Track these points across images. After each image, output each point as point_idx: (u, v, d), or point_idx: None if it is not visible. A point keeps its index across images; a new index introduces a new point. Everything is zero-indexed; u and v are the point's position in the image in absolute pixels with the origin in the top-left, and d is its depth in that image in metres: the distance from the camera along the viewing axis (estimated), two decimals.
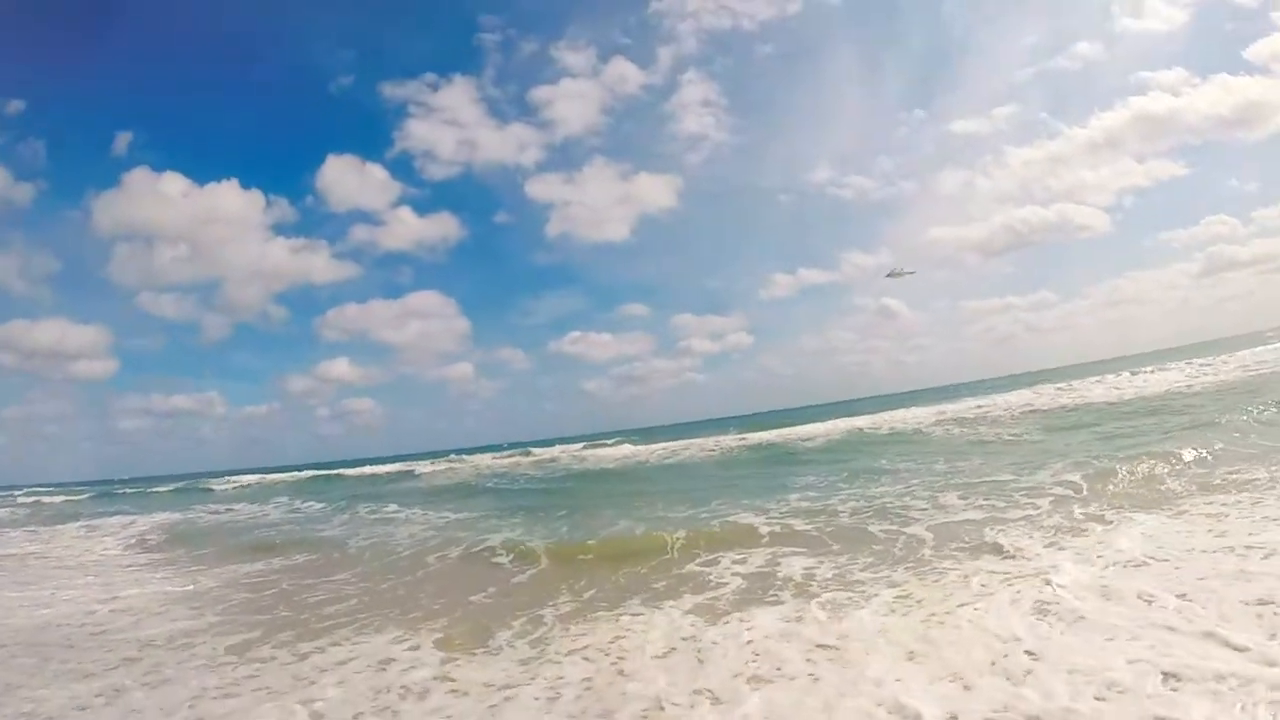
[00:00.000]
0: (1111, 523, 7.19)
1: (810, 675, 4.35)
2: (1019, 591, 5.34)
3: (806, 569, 6.97)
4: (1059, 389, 26.70)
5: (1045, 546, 6.59)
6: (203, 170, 57.70)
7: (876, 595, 5.79)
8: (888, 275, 11.56)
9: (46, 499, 39.19)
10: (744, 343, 58.57)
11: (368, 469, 39.12)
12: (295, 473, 45.87)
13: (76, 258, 56.86)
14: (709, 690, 4.30)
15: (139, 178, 49.39)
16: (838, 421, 27.41)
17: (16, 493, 48.79)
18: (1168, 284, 59.69)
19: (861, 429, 23.78)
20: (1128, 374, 27.43)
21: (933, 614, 5.11)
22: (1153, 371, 26.43)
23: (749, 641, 5.05)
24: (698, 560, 7.79)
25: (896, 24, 63.70)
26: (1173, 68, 51.03)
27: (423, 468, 35.83)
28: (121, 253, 50.71)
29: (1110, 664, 3.87)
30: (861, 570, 6.71)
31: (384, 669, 5.41)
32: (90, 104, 60.09)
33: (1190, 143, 53.63)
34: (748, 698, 4.13)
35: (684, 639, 5.29)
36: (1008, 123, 57.43)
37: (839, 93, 61.39)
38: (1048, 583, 5.41)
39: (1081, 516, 7.62)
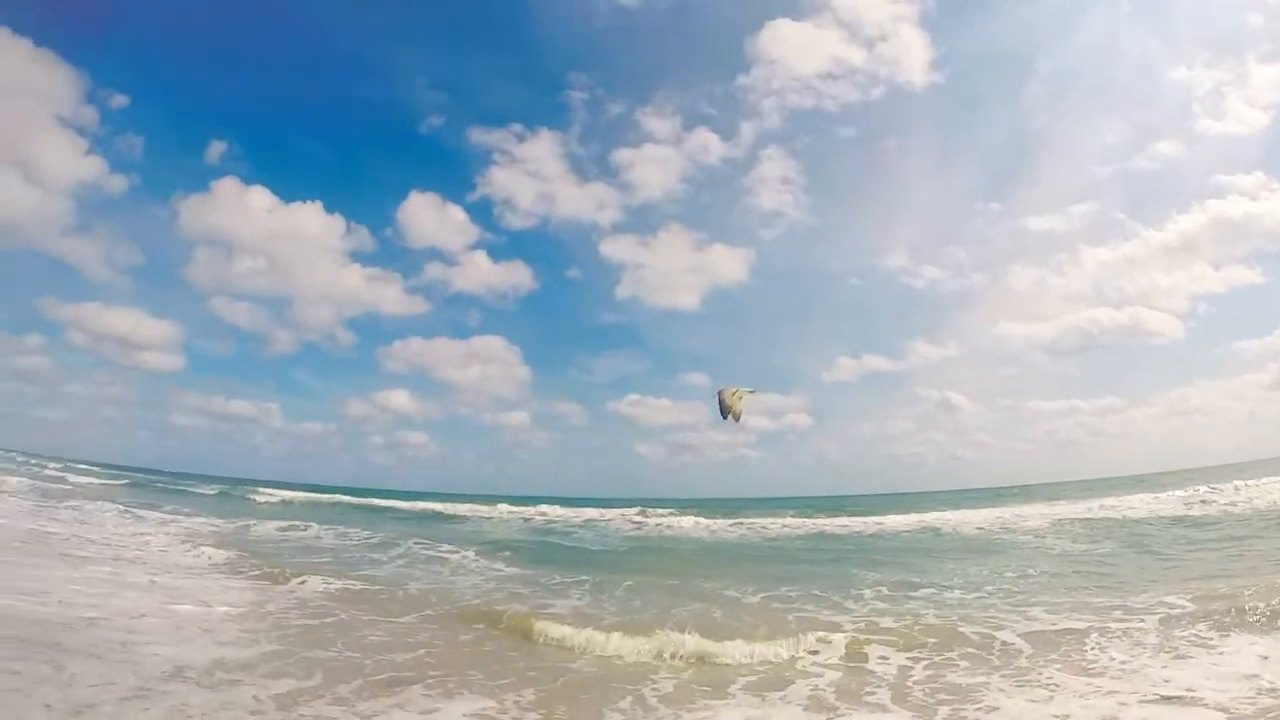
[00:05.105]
0: (1218, 647, 6.93)
1: None
2: None
3: (902, 668, 6.93)
4: (1148, 499, 25.58)
5: (1161, 669, 6.39)
6: (289, 189, 60.63)
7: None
8: (719, 391, 9.28)
9: (74, 478, 39.29)
10: (802, 423, 57.49)
11: (416, 504, 39.21)
12: (337, 495, 46.37)
13: (158, 254, 59.81)
14: None
15: (227, 187, 51.83)
16: (899, 516, 26.66)
17: (49, 464, 49.91)
18: (1236, 395, 55.93)
19: (924, 525, 23.17)
20: (1205, 488, 26.21)
21: None
22: (1238, 489, 25.10)
23: None
24: (787, 649, 7.65)
25: (978, 114, 62.19)
26: (1252, 172, 49.04)
27: (470, 510, 35.86)
28: (201, 256, 53.33)
29: None
30: (958, 675, 6.65)
31: None
32: (191, 109, 64.37)
33: (1267, 249, 50.91)
34: None
35: None
36: (1083, 221, 55.51)
37: (916, 180, 60.92)
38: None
39: (1188, 639, 7.33)
